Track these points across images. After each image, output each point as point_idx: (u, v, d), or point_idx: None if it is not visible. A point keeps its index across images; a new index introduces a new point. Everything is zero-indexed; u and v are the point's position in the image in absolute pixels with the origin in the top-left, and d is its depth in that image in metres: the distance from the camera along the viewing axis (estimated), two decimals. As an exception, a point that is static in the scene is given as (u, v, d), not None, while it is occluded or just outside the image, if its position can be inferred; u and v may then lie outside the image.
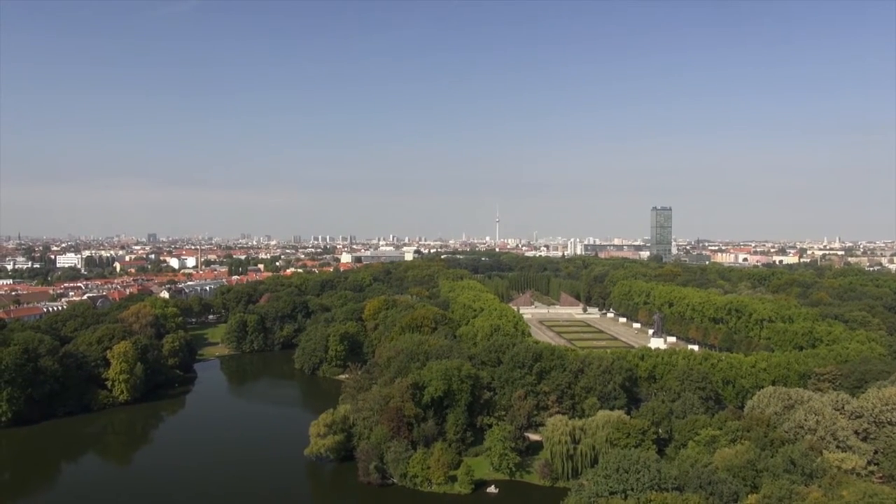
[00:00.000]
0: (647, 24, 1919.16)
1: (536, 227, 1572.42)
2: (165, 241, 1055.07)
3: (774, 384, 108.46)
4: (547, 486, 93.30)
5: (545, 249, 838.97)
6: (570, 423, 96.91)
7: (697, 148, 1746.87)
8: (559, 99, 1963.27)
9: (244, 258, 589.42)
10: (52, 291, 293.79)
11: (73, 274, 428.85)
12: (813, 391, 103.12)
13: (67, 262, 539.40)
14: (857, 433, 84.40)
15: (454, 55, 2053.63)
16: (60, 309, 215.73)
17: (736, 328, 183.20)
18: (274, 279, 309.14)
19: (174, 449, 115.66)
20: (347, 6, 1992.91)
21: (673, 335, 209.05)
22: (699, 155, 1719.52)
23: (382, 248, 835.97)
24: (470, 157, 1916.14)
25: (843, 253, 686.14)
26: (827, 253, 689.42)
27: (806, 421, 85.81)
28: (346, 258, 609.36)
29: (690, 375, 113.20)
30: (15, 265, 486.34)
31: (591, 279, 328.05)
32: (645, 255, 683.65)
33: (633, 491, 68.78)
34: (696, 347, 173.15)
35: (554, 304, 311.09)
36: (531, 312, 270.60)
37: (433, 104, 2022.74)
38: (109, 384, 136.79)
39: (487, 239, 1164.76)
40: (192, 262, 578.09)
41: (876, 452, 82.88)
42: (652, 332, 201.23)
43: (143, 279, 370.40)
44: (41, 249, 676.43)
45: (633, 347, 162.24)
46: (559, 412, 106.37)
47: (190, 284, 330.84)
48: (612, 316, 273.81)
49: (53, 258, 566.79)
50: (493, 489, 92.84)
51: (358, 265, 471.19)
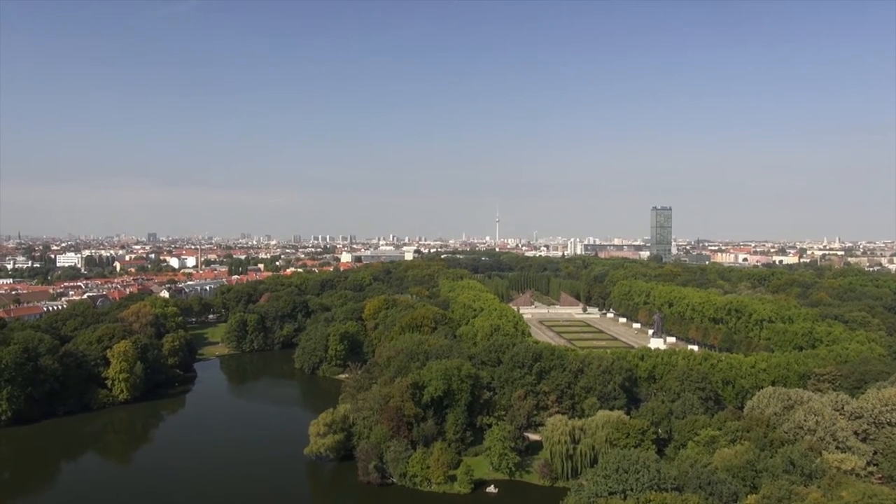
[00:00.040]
0: (647, 24, 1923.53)
1: (536, 227, 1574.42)
2: (165, 240, 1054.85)
3: (774, 384, 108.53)
4: (546, 485, 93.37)
5: (545, 249, 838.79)
6: (569, 423, 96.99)
7: (697, 148, 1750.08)
8: (559, 99, 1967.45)
9: (244, 258, 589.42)
10: (52, 291, 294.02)
11: (73, 273, 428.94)
12: (813, 392, 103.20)
13: (67, 261, 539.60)
14: (856, 434, 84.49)
15: (454, 55, 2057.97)
16: (60, 308, 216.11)
17: (736, 328, 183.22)
18: (274, 279, 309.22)
19: (174, 448, 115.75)
20: (347, 6, 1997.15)
21: (673, 335, 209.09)
22: (699, 155, 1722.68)
23: (382, 247, 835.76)
24: (470, 157, 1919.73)
25: (842, 253, 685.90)
26: (827, 253, 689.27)
27: (805, 421, 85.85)
28: (346, 258, 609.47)
29: (690, 376, 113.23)
30: (15, 264, 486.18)
31: (591, 279, 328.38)
32: (645, 255, 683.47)
33: (632, 491, 68.85)
34: (695, 347, 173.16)
35: (554, 304, 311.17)
36: (531, 312, 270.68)
37: (433, 104, 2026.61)
38: (109, 383, 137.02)
39: (487, 239, 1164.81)
40: (192, 261, 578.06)
41: (875, 453, 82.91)
42: (652, 332, 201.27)
43: (143, 279, 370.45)
44: (41, 249, 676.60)
45: (632, 347, 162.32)
46: (559, 412, 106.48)
47: (190, 284, 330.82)
48: (611, 316, 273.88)
49: (53, 258, 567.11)
50: (492, 489, 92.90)
51: (358, 265, 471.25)
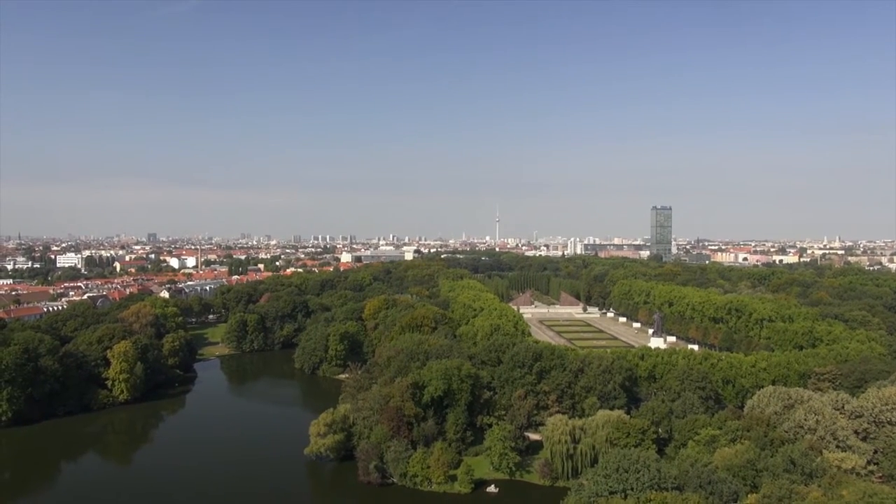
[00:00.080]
0: (647, 24, 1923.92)
1: (536, 226, 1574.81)
2: (165, 240, 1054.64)
3: (774, 384, 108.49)
4: (547, 485, 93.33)
5: (545, 249, 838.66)
6: (570, 422, 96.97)
7: (697, 148, 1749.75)
8: (559, 99, 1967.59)
9: (244, 258, 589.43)
10: (52, 291, 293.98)
11: (73, 274, 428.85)
12: (813, 391, 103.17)
13: (67, 261, 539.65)
14: (856, 433, 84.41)
15: (454, 55, 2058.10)
16: (60, 309, 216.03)
17: (736, 328, 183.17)
18: (274, 279, 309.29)
19: (174, 448, 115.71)
20: (347, 6, 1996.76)
21: (673, 335, 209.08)
22: (699, 155, 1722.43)
23: (382, 247, 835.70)
24: (470, 157, 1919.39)
25: (843, 252, 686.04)
26: (827, 252, 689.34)
27: (806, 420, 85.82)
28: (346, 258, 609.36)
29: (690, 375, 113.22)
30: (15, 265, 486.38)
31: (591, 279, 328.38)
32: (645, 254, 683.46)
33: (632, 490, 68.86)
34: (695, 347, 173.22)
35: (554, 303, 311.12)
36: (531, 312, 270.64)
37: (433, 104, 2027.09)
38: (109, 384, 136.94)
39: (487, 238, 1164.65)
40: (192, 261, 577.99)
41: (876, 452, 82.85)
42: (652, 331, 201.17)
43: (143, 279, 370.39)
44: (41, 249, 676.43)
45: (633, 347, 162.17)
46: (559, 412, 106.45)
47: (190, 284, 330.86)
48: (612, 315, 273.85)
49: (53, 258, 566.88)
50: (492, 489, 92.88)
51: (358, 265, 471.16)
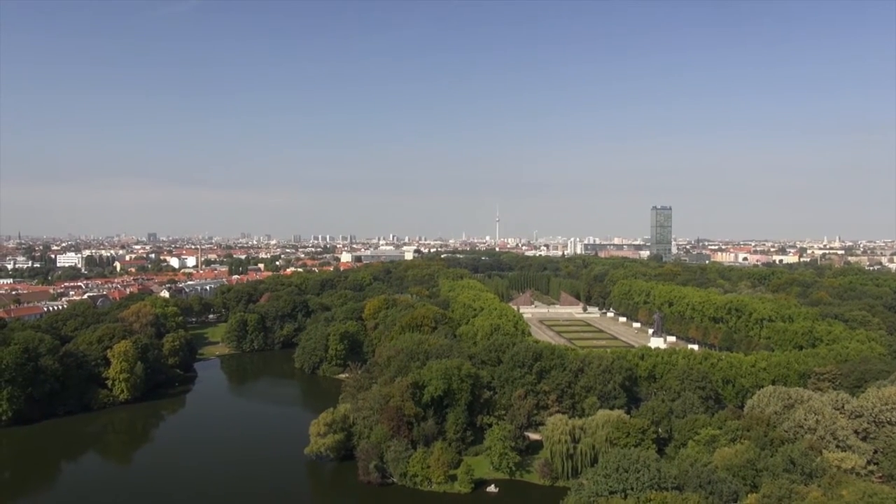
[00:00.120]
0: (647, 24, 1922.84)
1: (536, 226, 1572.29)
2: (165, 240, 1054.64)
3: (774, 384, 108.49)
4: (547, 485, 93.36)
5: (545, 249, 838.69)
6: (570, 422, 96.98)
7: (697, 148, 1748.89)
8: (559, 99, 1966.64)
9: (244, 258, 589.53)
10: (52, 291, 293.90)
11: (73, 273, 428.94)
12: (813, 391, 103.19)
13: (67, 261, 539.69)
14: (856, 433, 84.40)
15: (454, 55, 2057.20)
16: (61, 308, 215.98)
17: (736, 328, 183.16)
18: (274, 279, 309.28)
19: (174, 448, 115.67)
20: (347, 6, 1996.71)
21: (673, 335, 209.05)
22: (699, 155, 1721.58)
23: (382, 247, 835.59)
24: (470, 157, 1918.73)
25: (843, 252, 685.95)
26: (827, 252, 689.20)
27: (806, 420, 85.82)
28: (346, 257, 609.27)
29: (690, 375, 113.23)
30: (15, 265, 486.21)
31: (591, 278, 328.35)
32: (645, 254, 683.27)
33: (632, 490, 68.86)
34: (695, 347, 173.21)
35: (554, 303, 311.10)
36: (531, 312, 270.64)
37: (433, 104, 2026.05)
38: (110, 383, 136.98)
39: (487, 238, 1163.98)
40: (192, 261, 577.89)
41: (875, 452, 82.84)
42: (652, 331, 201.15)
43: (143, 278, 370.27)
44: (41, 249, 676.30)
45: (632, 347, 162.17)
46: (559, 411, 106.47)
47: (190, 284, 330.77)
48: (612, 315, 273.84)
49: (54, 258, 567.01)
50: (493, 488, 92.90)
51: (358, 264, 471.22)
